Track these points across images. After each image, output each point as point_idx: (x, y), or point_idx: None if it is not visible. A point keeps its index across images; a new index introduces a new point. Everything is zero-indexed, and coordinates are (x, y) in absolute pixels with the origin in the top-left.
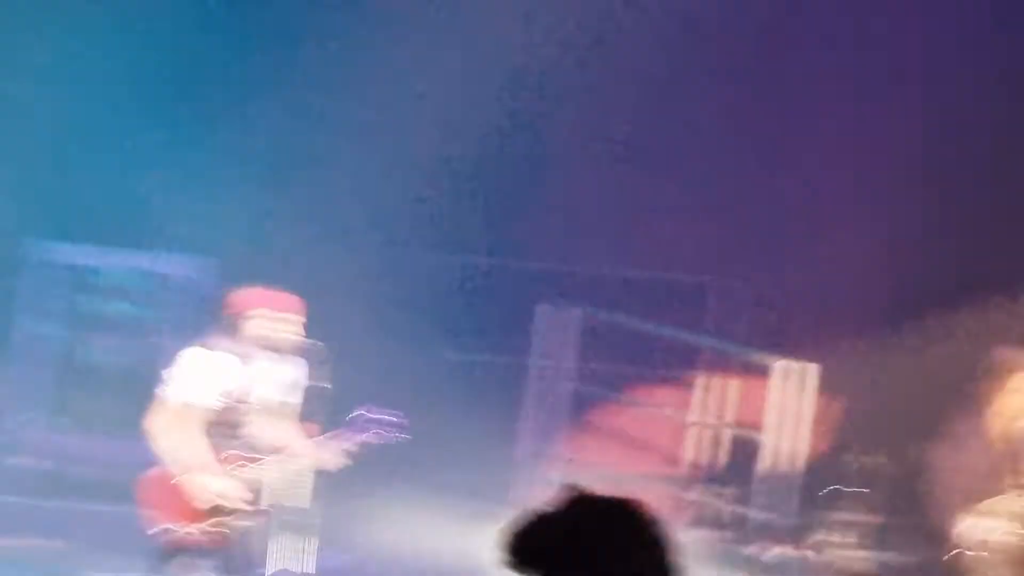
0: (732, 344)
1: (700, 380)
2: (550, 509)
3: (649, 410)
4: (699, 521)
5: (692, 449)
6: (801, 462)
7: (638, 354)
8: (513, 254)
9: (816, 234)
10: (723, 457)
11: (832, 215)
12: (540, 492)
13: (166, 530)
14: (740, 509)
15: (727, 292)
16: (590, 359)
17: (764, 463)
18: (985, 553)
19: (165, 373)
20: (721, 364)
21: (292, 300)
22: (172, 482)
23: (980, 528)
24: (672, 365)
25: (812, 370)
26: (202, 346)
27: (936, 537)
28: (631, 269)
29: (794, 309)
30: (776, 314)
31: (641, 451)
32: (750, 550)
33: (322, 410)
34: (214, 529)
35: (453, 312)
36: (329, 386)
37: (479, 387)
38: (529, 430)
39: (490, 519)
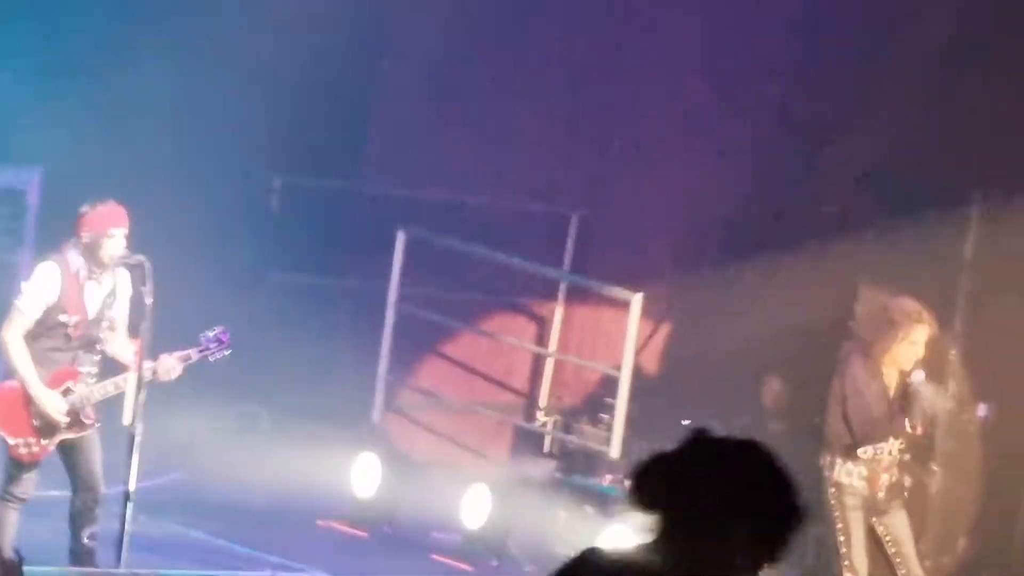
0: (587, 277)
1: (554, 312)
2: (675, 450)
3: (499, 340)
4: (540, 450)
5: (538, 379)
6: (653, 396)
7: (490, 283)
8: (369, 179)
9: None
10: (571, 389)
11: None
12: (390, 417)
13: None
14: (582, 440)
15: (585, 225)
16: (443, 286)
17: (613, 396)
18: (840, 495)
19: (22, 284)
20: (576, 296)
21: (119, 213)
22: (7, 393)
23: (844, 471)
24: (526, 295)
25: (663, 302)
26: (46, 259)
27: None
28: (488, 197)
29: (649, 241)
30: (632, 247)
31: (489, 380)
32: (590, 480)
33: (150, 326)
34: (36, 444)
35: (307, 236)
36: (150, 301)
37: (332, 311)
38: (383, 355)
39: (335, 441)
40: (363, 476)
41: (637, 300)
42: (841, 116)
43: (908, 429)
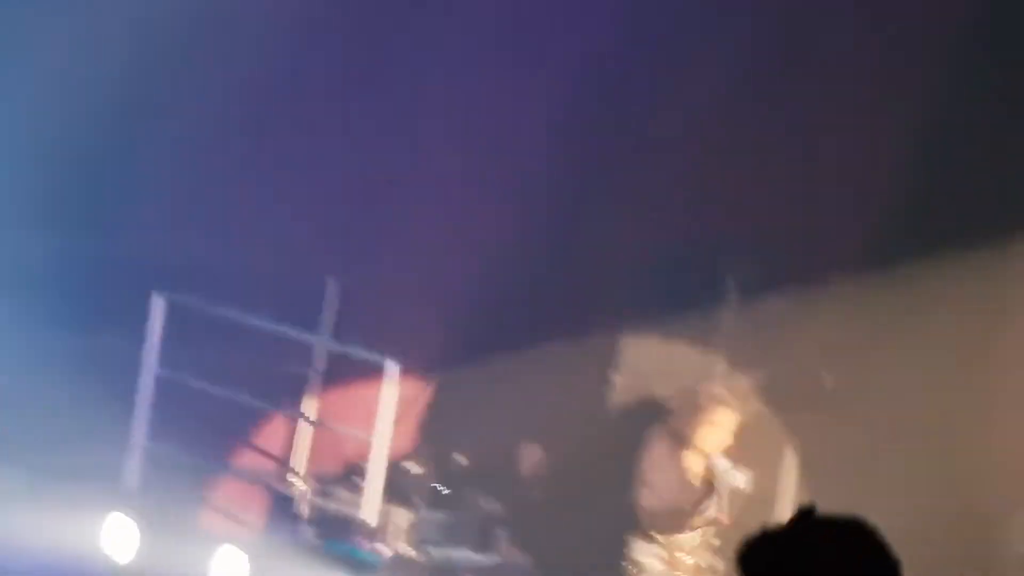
0: (345, 343)
1: (311, 377)
2: (782, 528)
3: (255, 406)
4: (294, 516)
5: (295, 444)
6: (407, 463)
7: (248, 346)
8: (124, 241)
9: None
10: (328, 454)
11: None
12: (146, 480)
13: None
14: (338, 506)
15: (344, 289)
16: (201, 351)
17: (367, 462)
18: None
19: None
20: (335, 362)
21: None
22: None
23: (641, 549)
24: (284, 359)
25: (420, 372)
26: None
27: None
28: (247, 260)
29: (410, 308)
30: (393, 313)
31: (246, 445)
32: (347, 546)
33: None
34: None
35: (63, 296)
36: None
37: (90, 372)
38: (139, 418)
39: (90, 503)
40: (119, 540)
41: (394, 368)
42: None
43: (720, 520)
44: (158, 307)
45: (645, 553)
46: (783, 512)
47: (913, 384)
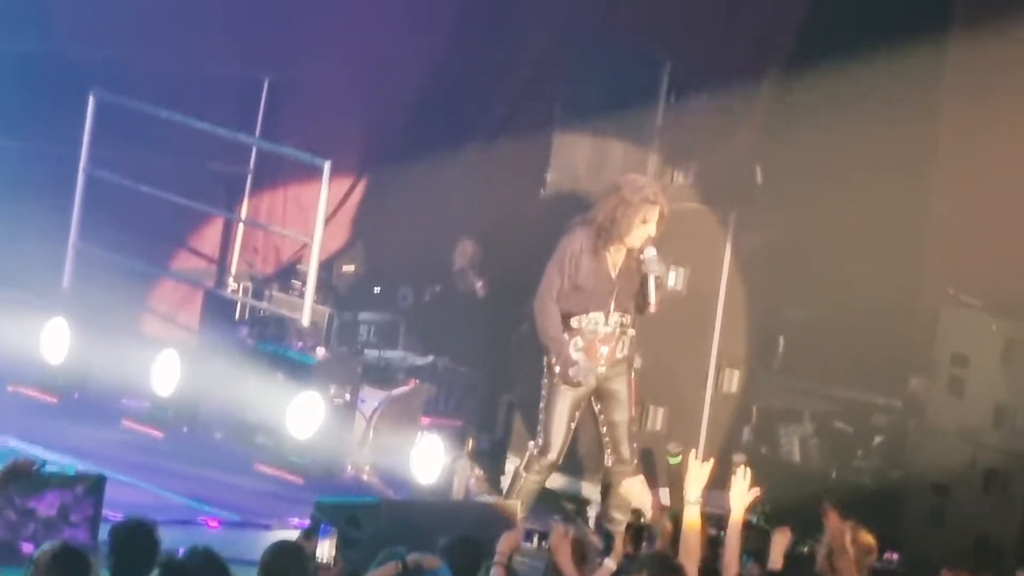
0: (278, 143)
1: (245, 178)
2: None
3: (189, 207)
4: (232, 317)
5: (229, 246)
6: (340, 262)
7: (181, 148)
8: (60, 41)
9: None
10: (262, 256)
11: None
12: (80, 283)
13: None
14: (272, 307)
15: (277, 90)
16: (134, 151)
17: (304, 263)
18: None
19: None
20: (267, 163)
21: None
22: None
23: None
24: (217, 161)
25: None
26: None
27: None
28: (181, 61)
29: (340, 108)
30: (323, 113)
31: (181, 246)
32: (281, 347)
33: None
34: None
35: None
36: None
37: (22, 175)
38: (73, 221)
39: (25, 307)
40: (53, 342)
41: (327, 167)
42: None
43: (648, 308)
44: (91, 107)
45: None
46: (719, 308)
47: (845, 179)
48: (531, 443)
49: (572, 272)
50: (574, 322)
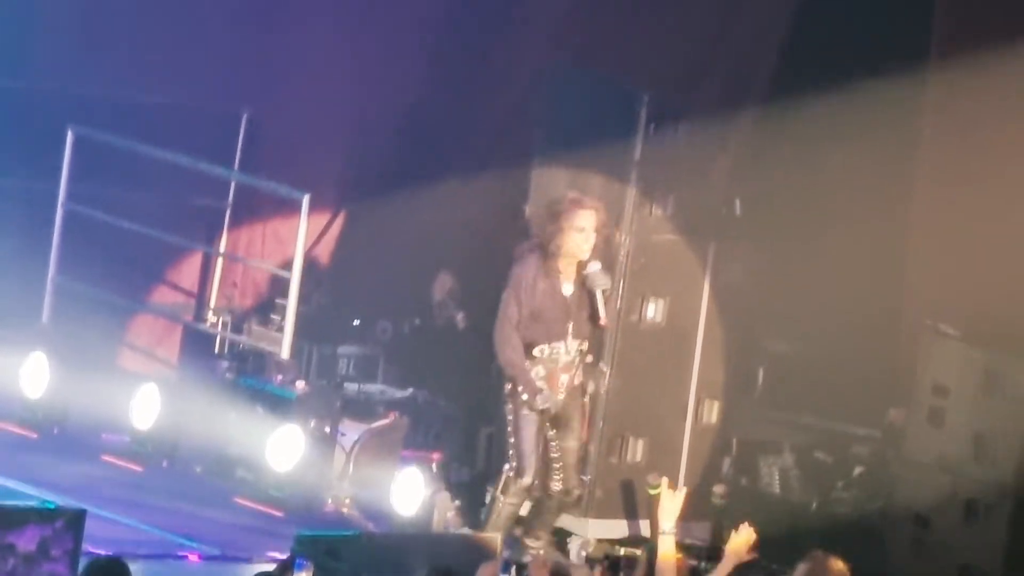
0: (256, 176)
1: (224, 212)
2: None
3: (168, 241)
4: (211, 351)
5: (208, 279)
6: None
7: (159, 182)
8: (37, 76)
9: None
10: (241, 289)
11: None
12: (59, 318)
13: None
14: (252, 341)
15: (254, 124)
16: (112, 186)
17: (283, 296)
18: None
19: None
20: (246, 196)
21: None
22: None
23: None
24: (195, 195)
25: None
26: None
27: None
28: (158, 96)
29: (319, 140)
30: (302, 145)
31: (159, 280)
32: (261, 381)
33: None
34: None
35: None
36: None
37: (3, 209)
38: (52, 256)
39: (3, 342)
40: (32, 377)
41: (306, 201)
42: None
43: (599, 323)
44: (69, 142)
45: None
46: (698, 339)
47: (824, 211)
48: (506, 466)
49: (528, 299)
50: (536, 351)
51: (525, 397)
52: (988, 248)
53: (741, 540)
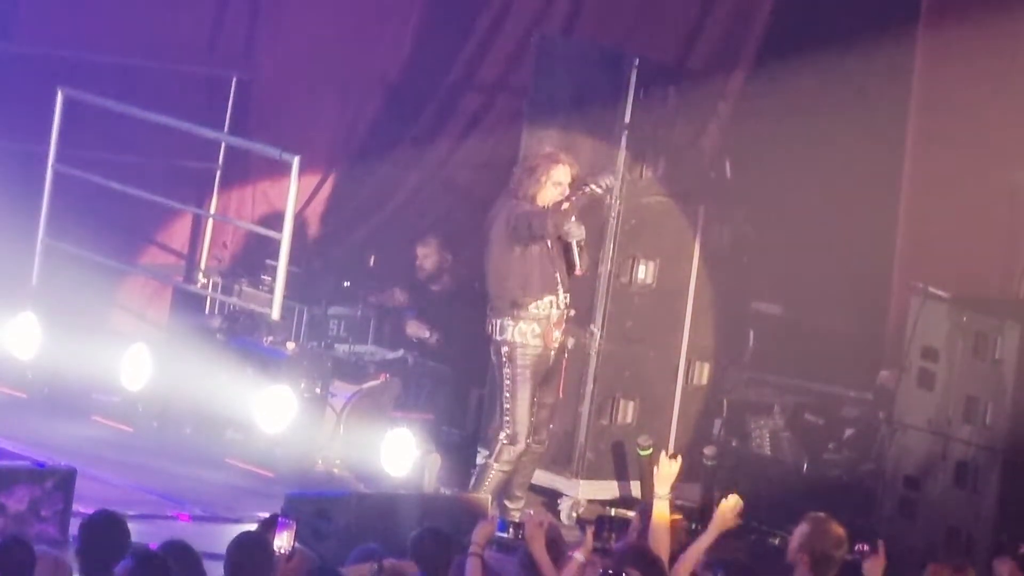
0: (246, 139)
1: (214, 174)
2: None
3: (158, 203)
4: (201, 311)
5: (198, 241)
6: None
7: (149, 145)
8: (26, 38)
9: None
10: (231, 251)
11: None
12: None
13: None
14: (242, 302)
15: (244, 86)
16: (102, 148)
17: (273, 258)
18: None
19: None
20: (236, 159)
21: None
22: None
23: (517, 331)
24: (185, 157)
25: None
26: None
27: None
28: (148, 59)
29: (308, 103)
30: (291, 108)
31: (149, 242)
32: (251, 342)
33: None
34: None
35: None
36: None
37: None
38: (41, 217)
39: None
40: (23, 338)
41: (296, 163)
42: None
43: (575, 273)
44: (59, 104)
45: (519, 333)
46: (688, 301)
47: (814, 173)
48: (501, 435)
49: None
50: (532, 308)
51: (567, 227)
52: (978, 211)
53: (727, 507)
